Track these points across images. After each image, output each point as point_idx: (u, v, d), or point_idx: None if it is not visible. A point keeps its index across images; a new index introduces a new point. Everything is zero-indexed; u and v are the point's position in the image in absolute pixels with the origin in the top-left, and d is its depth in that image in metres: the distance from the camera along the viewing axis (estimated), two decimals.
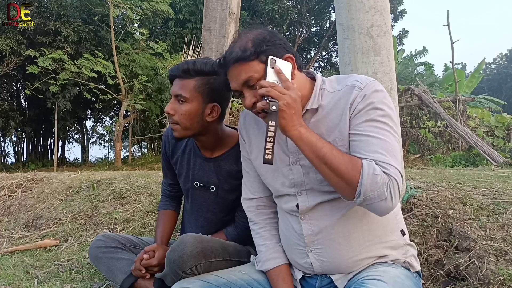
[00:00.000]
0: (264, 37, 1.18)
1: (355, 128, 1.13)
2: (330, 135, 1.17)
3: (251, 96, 1.17)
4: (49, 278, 2.05)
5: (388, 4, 2.09)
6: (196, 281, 1.28)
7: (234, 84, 1.20)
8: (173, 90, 1.55)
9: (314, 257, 1.24)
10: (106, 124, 19.26)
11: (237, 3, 2.66)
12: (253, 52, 1.15)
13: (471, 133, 6.67)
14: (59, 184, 3.62)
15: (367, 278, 1.10)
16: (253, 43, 1.16)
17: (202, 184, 1.72)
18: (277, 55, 1.16)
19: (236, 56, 1.16)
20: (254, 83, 1.16)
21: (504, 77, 35.86)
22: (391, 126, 1.12)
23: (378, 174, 1.05)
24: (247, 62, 1.16)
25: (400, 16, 18.38)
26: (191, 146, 1.75)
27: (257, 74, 1.15)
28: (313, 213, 1.23)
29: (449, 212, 1.94)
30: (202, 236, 1.44)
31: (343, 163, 1.07)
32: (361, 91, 1.14)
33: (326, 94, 1.23)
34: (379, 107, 1.12)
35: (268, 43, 1.17)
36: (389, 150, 1.09)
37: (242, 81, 1.17)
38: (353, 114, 1.14)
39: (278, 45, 1.18)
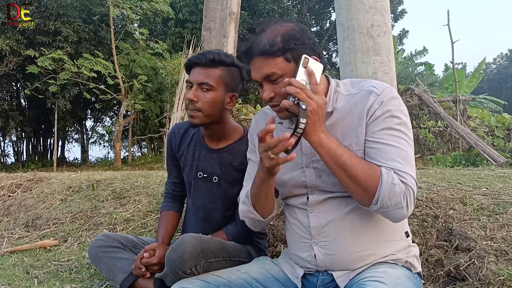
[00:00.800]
0: (294, 34, 1.15)
1: (372, 135, 1.14)
2: (346, 139, 1.18)
3: (270, 90, 1.17)
4: (49, 278, 2.05)
5: (388, 4, 2.09)
6: (196, 281, 1.28)
7: (255, 74, 1.20)
8: (197, 78, 1.60)
9: (319, 249, 1.24)
10: (106, 124, 19.29)
11: (237, 3, 2.66)
12: (280, 48, 1.13)
13: (471, 133, 6.67)
14: (59, 184, 3.62)
15: (368, 279, 1.10)
16: (282, 39, 1.14)
17: (205, 175, 1.75)
18: (301, 53, 1.14)
19: (263, 48, 1.14)
20: (275, 78, 1.16)
21: (504, 77, 35.87)
22: (407, 134, 1.15)
23: (396, 183, 1.08)
24: (273, 57, 1.14)
25: (400, 16, 18.40)
26: (197, 138, 1.80)
27: (280, 71, 1.15)
28: (322, 206, 1.24)
29: (449, 212, 1.94)
30: (202, 236, 1.44)
31: (362, 171, 1.09)
32: (378, 97, 1.15)
33: (340, 97, 1.23)
34: (396, 115, 1.14)
35: (297, 41, 1.15)
36: (406, 158, 1.12)
37: (264, 75, 1.17)
38: (370, 121, 1.15)
39: (306, 44, 1.16)
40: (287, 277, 1.33)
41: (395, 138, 1.13)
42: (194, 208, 1.81)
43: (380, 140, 1.13)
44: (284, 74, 1.14)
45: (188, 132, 1.84)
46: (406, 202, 1.09)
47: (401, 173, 1.09)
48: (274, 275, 1.34)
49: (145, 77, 12.35)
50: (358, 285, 1.09)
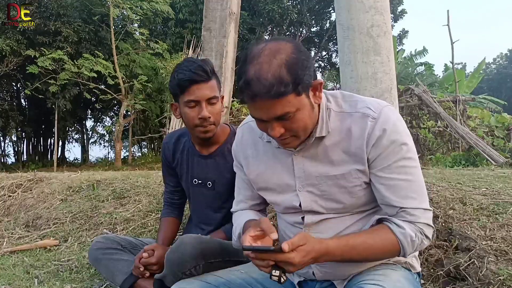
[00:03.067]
0: (300, 62, 1.00)
1: (383, 171, 1.09)
2: (344, 165, 1.12)
3: (280, 127, 1.05)
4: (49, 278, 2.05)
5: (388, 4, 2.09)
6: (195, 281, 1.28)
7: (261, 115, 1.04)
8: (204, 94, 1.57)
9: (316, 267, 1.22)
10: (106, 124, 19.28)
11: (237, 3, 2.66)
12: (290, 83, 0.98)
13: (471, 133, 6.67)
14: (59, 184, 3.62)
15: (367, 282, 1.08)
16: (288, 71, 0.98)
17: (200, 181, 1.77)
18: (309, 81, 1.03)
19: (270, 90, 0.97)
20: (288, 117, 1.03)
21: (504, 77, 35.87)
22: (415, 159, 1.12)
23: (415, 239, 1.09)
24: (283, 97, 0.99)
25: (400, 16, 18.39)
26: (188, 145, 1.81)
27: (294, 109, 1.02)
28: (317, 227, 1.20)
29: (449, 212, 1.94)
30: (202, 237, 1.44)
31: (379, 250, 1.09)
32: (377, 122, 1.08)
33: (332, 115, 1.14)
34: (403, 141, 1.09)
35: (304, 69, 1.00)
36: (419, 191, 1.10)
37: (274, 116, 1.02)
38: (375, 151, 1.08)
39: (308, 68, 1.03)
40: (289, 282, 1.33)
41: (406, 170, 1.09)
42: (195, 214, 1.86)
43: (392, 176, 1.09)
44: (297, 109, 1.02)
45: (180, 140, 1.85)
46: (427, 239, 1.12)
47: (415, 216, 1.09)
48: None
49: (145, 77, 12.35)
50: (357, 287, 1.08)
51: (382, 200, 1.13)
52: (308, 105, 1.05)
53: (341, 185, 1.13)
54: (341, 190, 1.14)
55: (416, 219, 1.09)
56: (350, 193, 1.14)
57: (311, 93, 1.05)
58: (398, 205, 1.09)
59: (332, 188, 1.14)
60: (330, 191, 1.15)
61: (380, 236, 1.09)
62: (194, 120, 1.59)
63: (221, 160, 1.73)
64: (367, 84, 2.02)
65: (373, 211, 1.20)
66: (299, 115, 1.04)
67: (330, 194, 1.15)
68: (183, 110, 1.62)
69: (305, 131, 1.08)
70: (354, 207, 1.17)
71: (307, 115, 1.06)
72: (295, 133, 1.08)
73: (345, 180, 1.13)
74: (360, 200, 1.15)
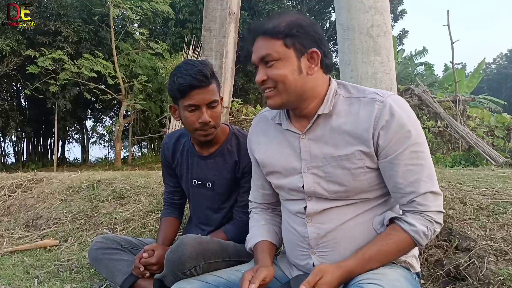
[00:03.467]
0: (299, 23, 1.15)
1: (397, 157, 1.12)
2: (348, 147, 1.15)
3: (263, 73, 1.17)
4: (49, 278, 2.05)
5: (388, 4, 2.09)
6: (195, 281, 1.28)
7: (254, 56, 1.19)
8: (205, 98, 1.56)
9: (317, 259, 1.23)
10: (106, 124, 19.28)
11: (237, 3, 2.66)
12: (281, 31, 1.13)
13: (471, 133, 6.67)
14: (59, 184, 3.62)
15: (365, 281, 1.08)
16: (286, 24, 1.14)
17: (199, 182, 1.77)
18: (305, 46, 1.15)
19: (264, 28, 1.16)
20: (270, 60, 1.15)
21: (504, 77, 35.85)
22: (424, 143, 1.14)
23: (428, 233, 1.13)
24: (273, 39, 1.14)
25: (400, 16, 18.37)
26: (188, 146, 1.80)
27: (276, 54, 1.14)
28: (320, 217, 1.21)
29: (449, 212, 1.94)
30: (202, 237, 1.44)
31: (395, 252, 1.15)
32: (384, 106, 1.12)
33: (341, 99, 1.20)
34: (413, 126, 1.12)
35: (300, 29, 1.14)
36: (430, 175, 1.13)
37: (260, 56, 1.17)
38: (385, 136, 1.11)
39: (309, 35, 1.15)
40: (286, 277, 1.34)
41: (419, 155, 1.12)
42: (195, 214, 1.86)
43: (406, 162, 1.12)
44: (279, 58, 1.14)
45: (179, 141, 1.85)
46: (439, 225, 1.15)
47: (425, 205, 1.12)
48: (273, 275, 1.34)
49: (145, 77, 12.35)
50: (355, 287, 1.08)
51: (394, 188, 1.15)
52: (295, 65, 1.14)
53: (345, 166, 1.16)
54: (344, 172, 1.16)
55: (427, 208, 1.12)
56: (353, 175, 1.16)
57: (304, 60, 1.15)
58: (411, 189, 1.12)
59: (336, 169, 1.17)
60: (334, 173, 1.17)
61: (393, 239, 1.13)
62: (194, 124, 1.59)
63: (221, 161, 1.73)
64: (367, 84, 2.02)
65: (377, 204, 1.21)
66: (281, 66, 1.14)
67: (334, 176, 1.17)
68: (183, 113, 1.61)
69: (284, 86, 1.15)
70: (357, 191, 1.18)
71: (289, 72, 1.14)
72: (275, 84, 1.15)
73: (349, 161, 1.15)
74: (362, 184, 1.17)
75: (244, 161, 1.66)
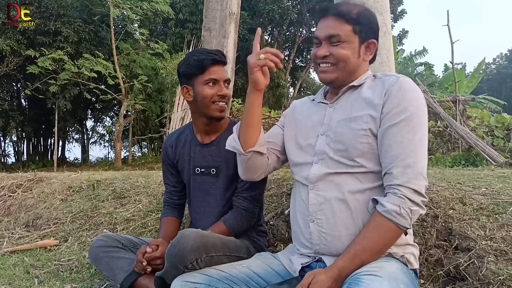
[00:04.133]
0: (367, 15, 1.31)
1: (392, 127, 1.21)
2: (363, 109, 1.27)
3: (327, 49, 1.29)
4: (49, 278, 2.05)
5: (388, 4, 2.10)
6: (198, 275, 1.29)
7: (321, 32, 1.31)
8: (223, 75, 1.73)
9: (314, 226, 1.28)
10: (106, 124, 19.28)
11: (237, 3, 2.66)
12: (353, 18, 1.27)
13: (471, 133, 6.67)
14: (59, 184, 3.62)
15: (363, 273, 1.10)
16: (357, 12, 1.28)
17: (203, 169, 1.79)
18: (368, 35, 1.30)
19: (339, 10, 1.28)
20: (337, 41, 1.27)
21: (504, 77, 35.85)
22: (425, 123, 1.22)
23: (400, 211, 1.15)
24: (343, 21, 1.27)
25: (400, 16, 18.37)
26: (189, 138, 1.85)
27: (345, 37, 1.27)
28: (322, 184, 1.29)
29: (449, 212, 1.94)
30: (202, 231, 1.45)
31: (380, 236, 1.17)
32: (398, 80, 1.25)
33: (369, 80, 1.35)
34: (419, 103, 1.24)
35: (368, 20, 1.30)
36: (418, 152, 1.19)
37: (329, 34, 1.28)
38: (390, 102, 1.22)
39: (373, 29, 1.32)
40: (288, 271, 1.35)
41: (415, 130, 1.20)
42: (196, 205, 1.84)
43: (398, 133, 1.20)
44: (346, 40, 1.27)
45: (180, 137, 1.90)
46: (417, 206, 1.17)
47: (400, 179, 1.16)
48: (275, 269, 1.35)
49: (145, 77, 12.34)
50: (354, 279, 1.09)
51: (383, 158, 1.22)
52: (356, 50, 1.30)
53: (350, 126, 1.27)
54: (349, 132, 1.27)
55: (400, 182, 1.16)
56: (355, 135, 1.25)
57: (363, 47, 1.31)
58: (393, 159, 1.18)
59: (343, 129, 1.29)
60: (340, 132, 1.29)
61: (372, 225, 1.18)
62: (213, 96, 1.70)
63: (222, 146, 1.74)
64: None
65: (376, 185, 1.25)
66: (345, 47, 1.27)
67: (339, 134, 1.29)
68: (201, 89, 1.70)
69: (345, 65, 1.29)
70: (356, 153, 1.24)
71: (351, 54, 1.28)
72: (336, 61, 1.29)
73: (356, 123, 1.27)
74: (362, 147, 1.24)
75: None
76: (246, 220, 1.70)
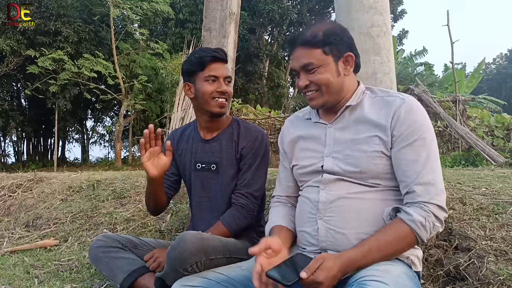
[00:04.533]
0: (335, 31, 1.29)
1: (407, 147, 1.22)
2: (371, 131, 1.27)
3: (305, 79, 1.30)
4: (49, 278, 2.05)
5: (388, 4, 2.09)
6: (197, 278, 1.29)
7: (294, 64, 1.33)
8: (224, 72, 1.75)
9: (322, 224, 1.29)
10: (106, 124, 19.29)
11: (237, 3, 2.66)
12: (320, 40, 1.27)
13: (471, 133, 6.67)
14: (59, 184, 3.62)
15: (368, 279, 1.08)
16: (324, 33, 1.27)
17: (203, 165, 1.80)
18: (341, 51, 1.29)
19: (305, 39, 1.28)
20: (312, 68, 1.28)
21: (504, 77, 35.84)
22: (434, 140, 1.24)
23: (425, 224, 1.16)
24: (313, 48, 1.27)
25: (400, 16, 18.38)
26: (192, 134, 1.87)
27: (317, 62, 1.27)
28: (334, 185, 1.30)
29: (449, 212, 1.94)
30: (202, 234, 1.45)
31: (395, 242, 1.17)
32: (404, 102, 1.25)
33: (367, 97, 1.34)
34: (426, 122, 1.25)
35: (337, 37, 1.28)
36: (435, 168, 1.21)
37: (302, 64, 1.30)
38: (401, 127, 1.23)
39: (344, 42, 1.30)
40: None
41: (426, 148, 1.22)
42: (196, 200, 1.84)
43: (414, 152, 1.21)
44: (320, 65, 1.27)
45: (184, 132, 1.92)
46: (439, 222, 1.18)
47: (426, 197, 1.17)
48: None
49: (145, 77, 12.35)
50: (358, 284, 1.08)
51: (401, 176, 1.23)
52: (334, 69, 1.29)
53: (362, 149, 1.27)
54: (361, 154, 1.27)
55: (426, 199, 1.17)
56: (368, 158, 1.25)
57: (341, 63, 1.30)
58: (413, 178, 1.19)
59: (354, 152, 1.28)
60: (351, 155, 1.28)
61: (393, 229, 1.19)
62: (213, 92, 1.71)
63: (224, 143, 1.78)
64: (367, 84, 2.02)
65: (389, 194, 1.27)
66: (322, 71, 1.28)
67: (351, 157, 1.28)
68: (200, 85, 1.72)
69: (327, 88, 1.29)
70: (371, 174, 1.26)
71: (330, 76, 1.28)
72: (319, 87, 1.29)
73: (367, 144, 1.26)
74: (376, 168, 1.25)
75: (243, 142, 1.76)
76: (244, 218, 1.70)
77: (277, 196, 1.55)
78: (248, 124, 1.87)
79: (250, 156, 1.74)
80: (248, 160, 1.74)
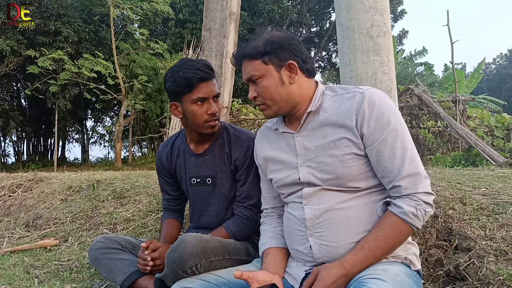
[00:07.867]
0: (273, 40, 1.27)
1: (381, 143, 1.20)
2: (336, 133, 1.25)
3: (253, 91, 1.31)
4: (49, 278, 2.06)
5: (388, 4, 2.09)
6: (196, 280, 1.29)
7: (243, 77, 1.34)
8: (212, 90, 1.65)
9: (314, 241, 1.27)
10: (106, 124, 19.30)
11: (237, 3, 2.66)
12: (258, 52, 1.26)
13: (471, 133, 6.67)
14: (59, 184, 3.62)
15: (367, 277, 1.10)
16: (262, 44, 1.27)
17: (198, 179, 1.78)
18: (281, 59, 1.27)
19: (244, 52, 1.30)
20: (255, 79, 1.28)
21: (504, 77, 35.82)
22: (405, 128, 1.23)
23: (417, 213, 1.17)
24: (252, 60, 1.28)
25: (400, 16, 18.38)
26: (182, 147, 1.83)
27: (258, 73, 1.27)
28: (316, 198, 1.28)
29: (449, 212, 1.94)
30: (202, 236, 1.44)
31: (393, 236, 1.18)
32: (364, 97, 1.22)
33: (327, 98, 1.32)
34: (393, 113, 1.22)
35: (275, 45, 1.26)
36: (413, 157, 1.20)
37: (247, 77, 1.31)
38: (368, 124, 1.21)
39: (285, 49, 1.27)
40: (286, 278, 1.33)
41: (400, 139, 1.20)
42: (197, 214, 1.85)
43: (389, 146, 1.20)
44: (262, 75, 1.27)
45: (174, 145, 1.87)
46: (430, 206, 1.19)
47: (412, 188, 1.17)
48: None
49: (145, 77, 12.35)
50: (358, 283, 1.09)
51: (383, 173, 1.22)
52: (276, 78, 1.27)
53: (334, 154, 1.25)
54: (333, 160, 1.25)
55: (413, 190, 1.18)
56: (341, 162, 1.24)
57: (284, 71, 1.28)
58: (396, 172, 1.19)
59: (326, 158, 1.26)
60: (324, 161, 1.26)
61: (387, 224, 1.19)
62: (203, 116, 1.63)
63: (216, 155, 1.75)
64: (367, 84, 2.02)
65: (370, 192, 1.26)
66: (264, 82, 1.28)
67: (324, 164, 1.26)
68: (189, 108, 1.63)
69: (271, 97, 1.29)
70: (347, 178, 1.24)
71: (273, 86, 1.27)
72: (264, 101, 1.30)
73: (337, 148, 1.25)
74: (351, 171, 1.23)
75: (235, 153, 1.71)
76: (248, 228, 1.71)
77: (264, 210, 1.53)
78: (237, 130, 1.80)
79: (246, 167, 1.70)
80: (244, 171, 1.70)
